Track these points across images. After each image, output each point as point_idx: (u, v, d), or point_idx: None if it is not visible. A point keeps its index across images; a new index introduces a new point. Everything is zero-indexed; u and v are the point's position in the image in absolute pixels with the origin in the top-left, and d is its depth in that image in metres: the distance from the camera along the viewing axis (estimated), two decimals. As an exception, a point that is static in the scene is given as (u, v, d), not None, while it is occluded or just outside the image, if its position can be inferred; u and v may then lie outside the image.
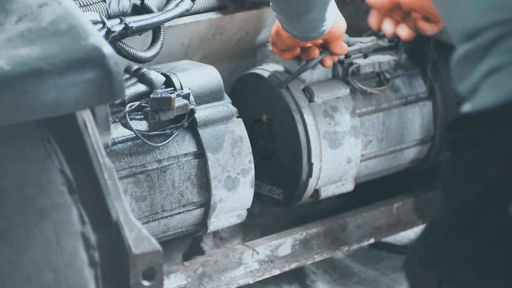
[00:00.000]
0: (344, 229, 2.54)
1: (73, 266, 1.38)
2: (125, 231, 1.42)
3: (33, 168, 1.41)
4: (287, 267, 2.44)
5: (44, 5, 1.50)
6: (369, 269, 2.66)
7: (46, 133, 1.47)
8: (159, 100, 2.10)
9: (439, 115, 2.66)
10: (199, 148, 2.20)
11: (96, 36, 1.45)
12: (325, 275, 2.62)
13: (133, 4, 2.23)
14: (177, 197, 2.18)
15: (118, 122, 2.10)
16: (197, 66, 2.28)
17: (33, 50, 1.40)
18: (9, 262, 1.34)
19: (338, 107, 2.44)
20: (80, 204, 1.42)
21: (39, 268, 1.36)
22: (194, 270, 2.29)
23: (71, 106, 1.41)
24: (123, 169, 2.10)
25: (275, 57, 2.49)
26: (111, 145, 2.07)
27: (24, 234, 1.36)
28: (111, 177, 1.46)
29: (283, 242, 2.43)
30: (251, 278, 2.38)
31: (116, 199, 1.44)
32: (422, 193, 2.71)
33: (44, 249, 1.37)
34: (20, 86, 1.36)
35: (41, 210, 1.38)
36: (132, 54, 2.17)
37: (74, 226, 1.39)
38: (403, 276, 2.61)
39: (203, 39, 2.46)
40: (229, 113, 2.25)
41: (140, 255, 1.41)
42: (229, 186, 2.24)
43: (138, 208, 2.12)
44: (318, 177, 2.42)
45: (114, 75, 1.42)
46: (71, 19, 1.47)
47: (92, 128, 1.50)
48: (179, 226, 2.23)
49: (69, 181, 1.42)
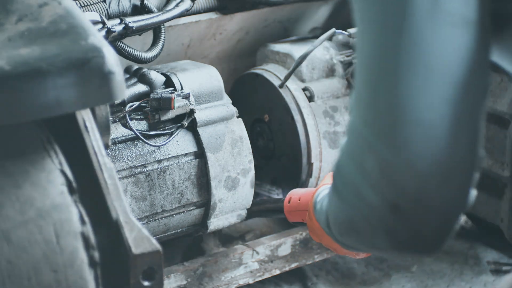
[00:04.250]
0: (344, 229, 2.54)
1: (73, 266, 1.38)
2: (125, 231, 1.42)
3: (33, 168, 1.41)
4: (287, 267, 2.44)
5: (44, 5, 1.50)
6: (371, 269, 2.66)
7: (46, 133, 1.47)
8: (159, 100, 2.10)
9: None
10: (199, 148, 2.20)
11: (96, 36, 1.45)
12: (328, 276, 2.62)
13: (133, 4, 2.23)
14: (177, 197, 2.18)
15: (118, 122, 2.10)
16: (197, 66, 2.28)
17: (33, 50, 1.40)
18: (9, 262, 1.34)
19: (338, 107, 2.44)
20: (80, 204, 1.42)
21: (39, 268, 1.36)
22: (194, 270, 2.29)
23: (71, 106, 1.41)
24: (123, 169, 2.10)
25: (275, 57, 2.49)
26: (111, 145, 2.07)
27: (24, 234, 1.36)
28: (111, 177, 1.46)
29: (283, 242, 2.43)
30: (251, 278, 2.38)
31: (116, 199, 1.44)
32: (422, 193, 2.71)
33: (44, 249, 1.37)
34: (20, 86, 1.36)
35: (41, 210, 1.38)
36: (133, 55, 2.17)
37: (74, 226, 1.39)
38: (405, 277, 2.62)
39: (203, 39, 2.46)
40: (229, 113, 2.25)
41: (140, 255, 1.41)
42: (229, 186, 2.24)
43: (138, 208, 2.12)
44: (318, 177, 2.42)
45: (114, 75, 1.42)
46: (71, 19, 1.47)
47: (92, 128, 1.50)
48: (179, 226, 2.23)
49: (69, 181, 1.42)
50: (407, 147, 1.10)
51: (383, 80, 1.12)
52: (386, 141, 1.11)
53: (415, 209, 1.11)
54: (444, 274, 2.63)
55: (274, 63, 2.50)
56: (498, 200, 2.58)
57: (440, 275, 2.62)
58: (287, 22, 2.60)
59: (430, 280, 2.60)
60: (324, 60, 2.48)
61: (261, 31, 2.57)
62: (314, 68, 2.45)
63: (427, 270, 2.65)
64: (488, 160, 2.58)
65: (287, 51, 2.48)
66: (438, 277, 2.61)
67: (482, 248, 2.74)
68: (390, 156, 1.11)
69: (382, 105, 1.11)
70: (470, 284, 2.58)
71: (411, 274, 2.63)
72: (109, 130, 1.63)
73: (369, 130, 1.13)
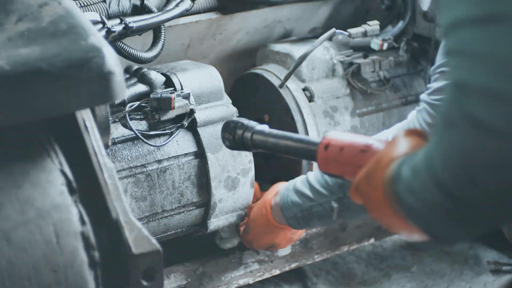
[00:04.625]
0: (344, 229, 2.54)
1: (73, 266, 1.38)
2: (125, 231, 1.42)
3: (33, 168, 1.41)
4: (287, 267, 2.44)
5: (44, 5, 1.51)
6: (371, 269, 2.66)
7: (46, 133, 1.47)
8: (159, 100, 2.10)
9: (439, 115, 2.66)
10: (199, 148, 2.20)
11: (96, 36, 1.45)
12: (327, 276, 2.62)
13: (133, 4, 2.23)
14: (177, 197, 2.18)
15: (118, 122, 2.10)
16: (197, 66, 2.28)
17: (33, 50, 1.40)
18: (9, 262, 1.34)
19: (338, 107, 2.44)
20: (80, 204, 1.42)
21: (39, 268, 1.36)
22: (194, 270, 2.29)
23: (71, 106, 1.41)
24: (123, 169, 2.10)
25: (275, 57, 2.49)
26: (111, 145, 2.07)
27: (24, 234, 1.36)
28: (111, 177, 1.46)
29: (283, 242, 2.42)
30: (251, 278, 2.38)
31: (116, 199, 1.44)
32: (422, 193, 2.71)
33: (44, 249, 1.37)
34: (20, 86, 1.36)
35: (41, 210, 1.38)
36: (133, 55, 2.17)
37: (74, 226, 1.39)
38: (405, 277, 2.62)
39: (203, 39, 2.46)
40: (229, 113, 2.25)
41: (140, 255, 1.41)
42: (229, 186, 2.24)
43: (138, 208, 2.12)
44: (318, 177, 2.42)
45: (114, 75, 1.42)
46: (71, 19, 1.48)
47: (92, 128, 1.50)
48: (179, 226, 2.23)
49: (69, 181, 1.42)
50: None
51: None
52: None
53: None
54: (444, 274, 2.63)
55: (274, 63, 2.50)
56: (498, 200, 2.57)
57: (440, 275, 2.62)
58: (287, 22, 2.60)
59: (430, 280, 2.60)
60: (324, 60, 2.48)
61: (261, 31, 2.57)
62: (314, 68, 2.45)
63: (427, 270, 2.65)
64: (488, 160, 2.58)
65: (287, 51, 2.48)
66: (438, 277, 2.61)
67: (482, 248, 2.74)
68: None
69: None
70: (470, 284, 2.58)
71: (411, 274, 2.63)
72: (109, 130, 1.63)
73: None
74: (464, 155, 1.16)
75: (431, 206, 1.25)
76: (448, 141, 1.19)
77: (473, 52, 1.15)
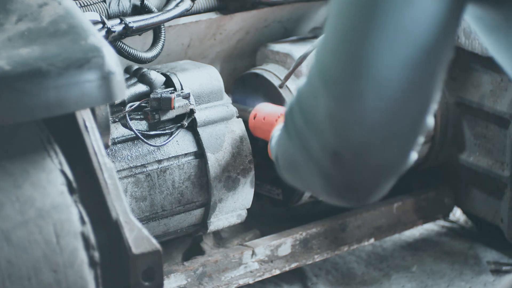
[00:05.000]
0: (344, 229, 2.54)
1: (73, 266, 1.38)
2: (125, 231, 1.42)
3: (33, 168, 1.41)
4: (287, 267, 2.44)
5: (44, 5, 1.51)
6: (371, 269, 2.66)
7: (46, 133, 1.47)
8: (159, 100, 2.10)
9: (439, 115, 2.66)
10: (199, 148, 2.20)
11: (96, 36, 1.45)
12: (327, 276, 2.62)
13: (133, 4, 2.23)
14: (177, 197, 2.18)
15: (118, 122, 2.10)
16: (197, 66, 2.28)
17: (33, 50, 1.40)
18: (9, 262, 1.34)
19: (338, 107, 2.44)
20: (80, 204, 1.42)
21: (39, 268, 1.36)
22: (194, 270, 2.29)
23: (71, 106, 1.41)
24: (123, 169, 2.10)
25: (275, 57, 2.49)
26: (111, 145, 2.07)
27: (24, 234, 1.36)
28: (111, 177, 1.46)
29: (283, 242, 2.43)
30: (251, 278, 2.38)
31: (116, 199, 1.44)
32: (422, 193, 2.71)
33: (44, 249, 1.37)
34: (20, 86, 1.36)
35: (41, 210, 1.38)
36: (133, 55, 2.17)
37: (74, 226, 1.39)
38: (405, 277, 2.62)
39: (203, 39, 2.46)
40: (229, 113, 2.25)
41: (140, 255, 1.41)
42: (229, 186, 2.24)
43: (138, 208, 2.12)
44: (318, 177, 2.42)
45: (114, 75, 1.42)
46: (71, 19, 1.48)
47: (92, 128, 1.50)
48: (179, 226, 2.23)
49: (69, 181, 1.42)
50: (360, 99, 1.13)
51: (354, 31, 1.14)
52: (341, 90, 1.14)
53: (355, 160, 1.15)
54: (444, 274, 2.63)
55: (274, 63, 2.50)
56: (498, 200, 2.58)
57: (440, 275, 2.62)
58: (287, 22, 2.60)
59: (430, 280, 2.60)
60: (324, 60, 2.48)
61: (261, 31, 2.57)
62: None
63: (427, 270, 2.65)
64: (488, 160, 2.58)
65: (287, 51, 2.48)
66: (438, 277, 2.61)
67: (482, 248, 2.74)
68: (341, 105, 1.14)
69: (346, 54, 1.15)
70: (470, 284, 2.58)
71: (411, 274, 2.63)
72: (109, 130, 1.63)
73: (328, 76, 1.16)
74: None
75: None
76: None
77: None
